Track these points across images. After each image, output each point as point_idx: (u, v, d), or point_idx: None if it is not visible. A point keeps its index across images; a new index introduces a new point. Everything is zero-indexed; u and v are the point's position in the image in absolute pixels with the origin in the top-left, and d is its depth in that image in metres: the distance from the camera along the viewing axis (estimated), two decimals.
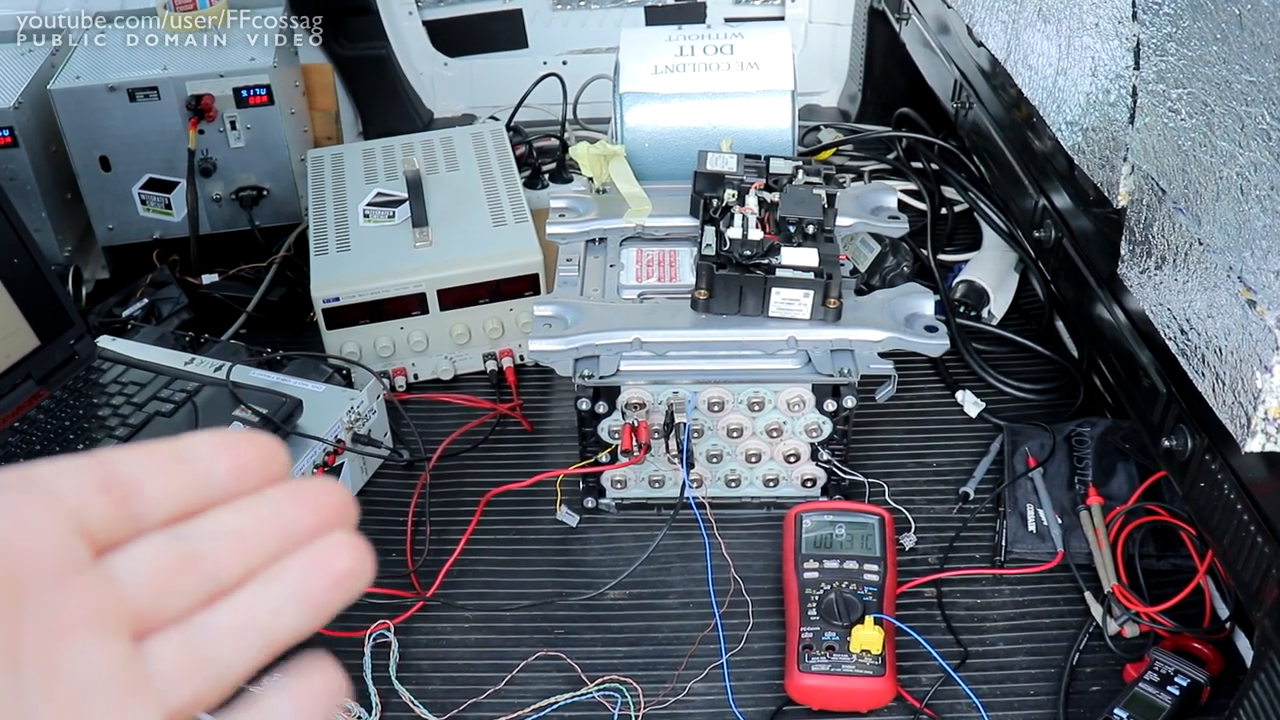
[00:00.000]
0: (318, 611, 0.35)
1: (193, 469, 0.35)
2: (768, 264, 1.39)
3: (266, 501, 0.36)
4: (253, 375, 1.51)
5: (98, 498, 0.33)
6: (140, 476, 0.34)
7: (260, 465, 0.36)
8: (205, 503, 0.35)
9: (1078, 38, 1.23)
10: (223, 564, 0.35)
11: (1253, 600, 1.00)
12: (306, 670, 0.35)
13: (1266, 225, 0.86)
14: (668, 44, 1.75)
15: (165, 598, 0.34)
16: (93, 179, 1.88)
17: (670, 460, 1.43)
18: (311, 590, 0.35)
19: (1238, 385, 0.92)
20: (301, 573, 0.35)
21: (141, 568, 0.33)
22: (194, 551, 0.34)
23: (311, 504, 0.36)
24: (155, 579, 0.33)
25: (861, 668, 1.21)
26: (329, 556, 0.35)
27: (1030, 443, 1.52)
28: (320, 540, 0.36)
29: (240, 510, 0.36)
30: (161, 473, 0.35)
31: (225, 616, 0.34)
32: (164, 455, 0.35)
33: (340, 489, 0.37)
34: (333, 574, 0.35)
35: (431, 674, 1.29)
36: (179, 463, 0.35)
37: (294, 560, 0.35)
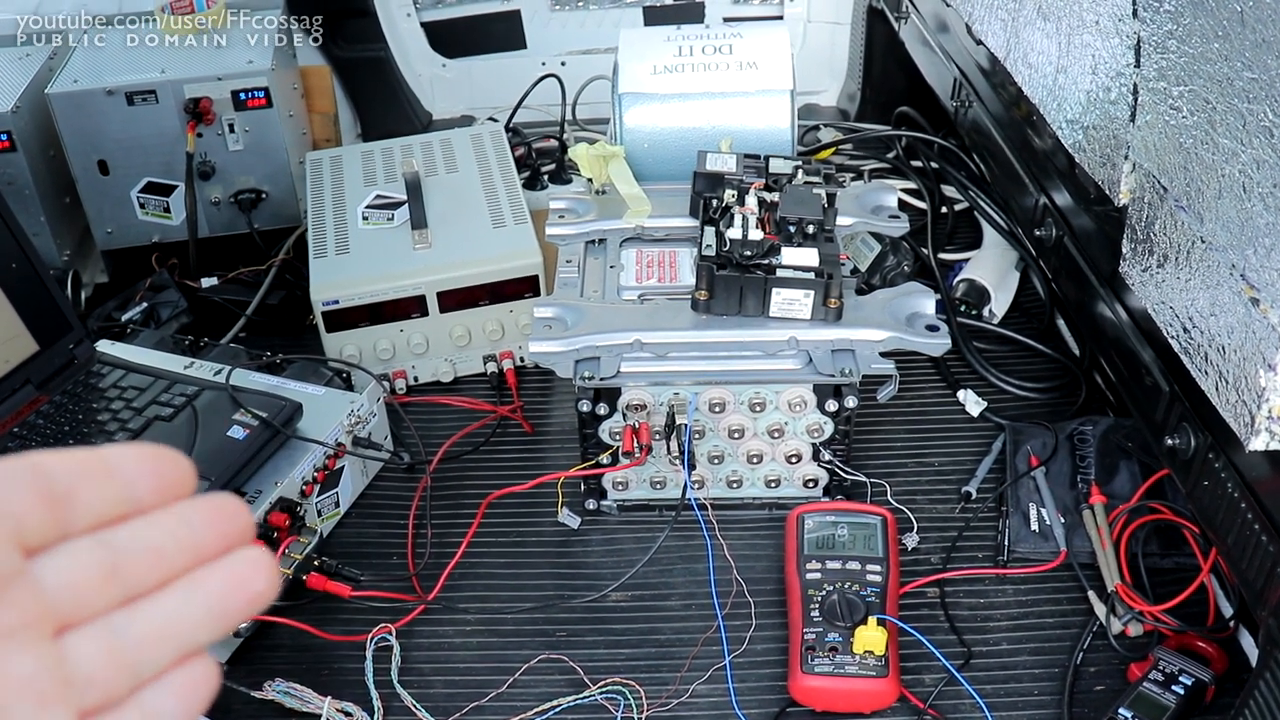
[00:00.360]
0: (228, 624, 0.38)
1: (119, 480, 0.37)
2: (768, 264, 1.38)
3: (180, 518, 0.38)
4: (252, 379, 1.51)
5: (33, 503, 0.35)
6: (73, 484, 0.36)
7: (175, 481, 0.39)
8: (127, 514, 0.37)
9: (1078, 35, 1.22)
10: (141, 573, 0.37)
11: (1257, 599, 0.99)
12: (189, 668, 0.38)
13: (1269, 223, 0.85)
14: (666, 44, 1.75)
15: (87, 601, 0.35)
16: (91, 183, 1.88)
17: (671, 461, 1.42)
18: (227, 605, 0.38)
19: (1241, 383, 0.92)
20: (220, 588, 0.38)
21: (67, 572, 0.35)
22: (116, 560, 0.36)
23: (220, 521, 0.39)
24: (79, 582, 0.35)
25: (865, 669, 1.21)
26: (247, 576, 0.39)
27: (1032, 442, 1.52)
28: (236, 557, 0.39)
29: (159, 524, 0.38)
30: (92, 481, 0.37)
31: (145, 621, 0.36)
32: (95, 464, 0.37)
33: (242, 507, 0.40)
34: (249, 593, 0.38)
35: (433, 677, 1.29)
36: (108, 473, 0.37)
37: (213, 574, 0.38)
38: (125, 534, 0.37)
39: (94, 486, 0.37)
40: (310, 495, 1.42)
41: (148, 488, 0.38)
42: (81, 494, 0.36)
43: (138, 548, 0.37)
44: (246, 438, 1.38)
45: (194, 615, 0.37)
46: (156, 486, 0.38)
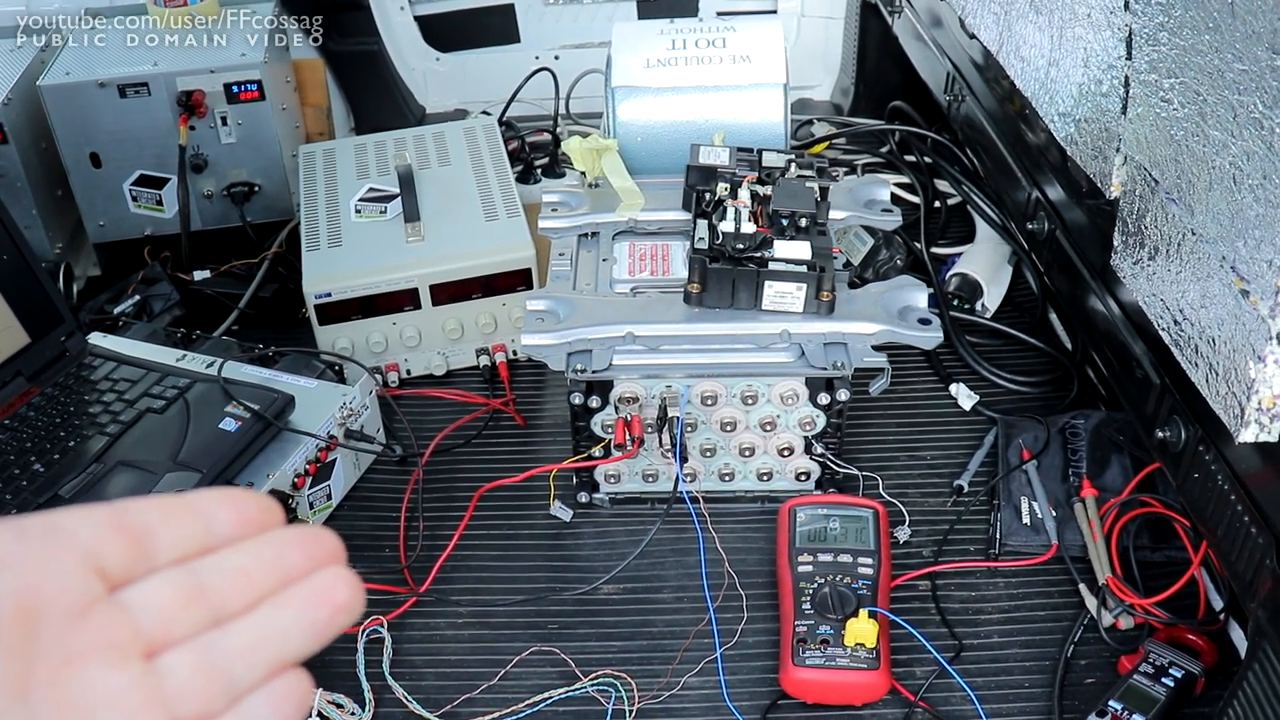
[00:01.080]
0: (318, 636, 0.40)
1: (200, 518, 0.40)
2: (760, 257, 1.38)
3: (266, 544, 0.40)
4: (245, 371, 1.51)
5: (113, 539, 0.37)
6: (153, 522, 0.38)
7: (259, 517, 0.41)
8: (210, 547, 0.40)
9: (1070, 29, 1.22)
10: (228, 596, 0.39)
11: (1246, 591, 1.00)
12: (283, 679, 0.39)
13: (1259, 214, 0.85)
14: (660, 38, 1.75)
15: (176, 623, 0.37)
16: (83, 176, 1.87)
17: (664, 454, 1.42)
18: (314, 617, 0.39)
19: (1231, 375, 0.92)
20: (306, 601, 0.39)
21: (153, 598, 0.37)
22: (202, 584, 0.38)
23: (305, 547, 0.41)
24: (166, 607, 0.37)
25: (856, 661, 1.21)
26: (330, 588, 0.40)
27: (1024, 435, 1.52)
28: (319, 574, 0.40)
29: (243, 551, 0.40)
30: (172, 520, 0.39)
31: (237, 636, 0.38)
32: (175, 505, 0.40)
33: (330, 535, 0.42)
34: (333, 604, 0.40)
35: (425, 670, 1.29)
36: (188, 512, 0.40)
37: (298, 590, 0.40)
38: (210, 561, 0.39)
39: (174, 524, 0.39)
40: (302, 488, 1.41)
41: (228, 523, 0.40)
42: (162, 531, 0.38)
43: (223, 572, 0.39)
44: (239, 430, 1.38)
45: (282, 629, 0.39)
46: (237, 521, 0.40)
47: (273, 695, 0.38)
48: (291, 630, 0.39)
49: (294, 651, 0.39)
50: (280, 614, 0.39)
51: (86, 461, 1.34)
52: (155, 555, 0.38)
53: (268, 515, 0.41)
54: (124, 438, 1.37)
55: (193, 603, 0.38)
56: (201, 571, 0.38)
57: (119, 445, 1.36)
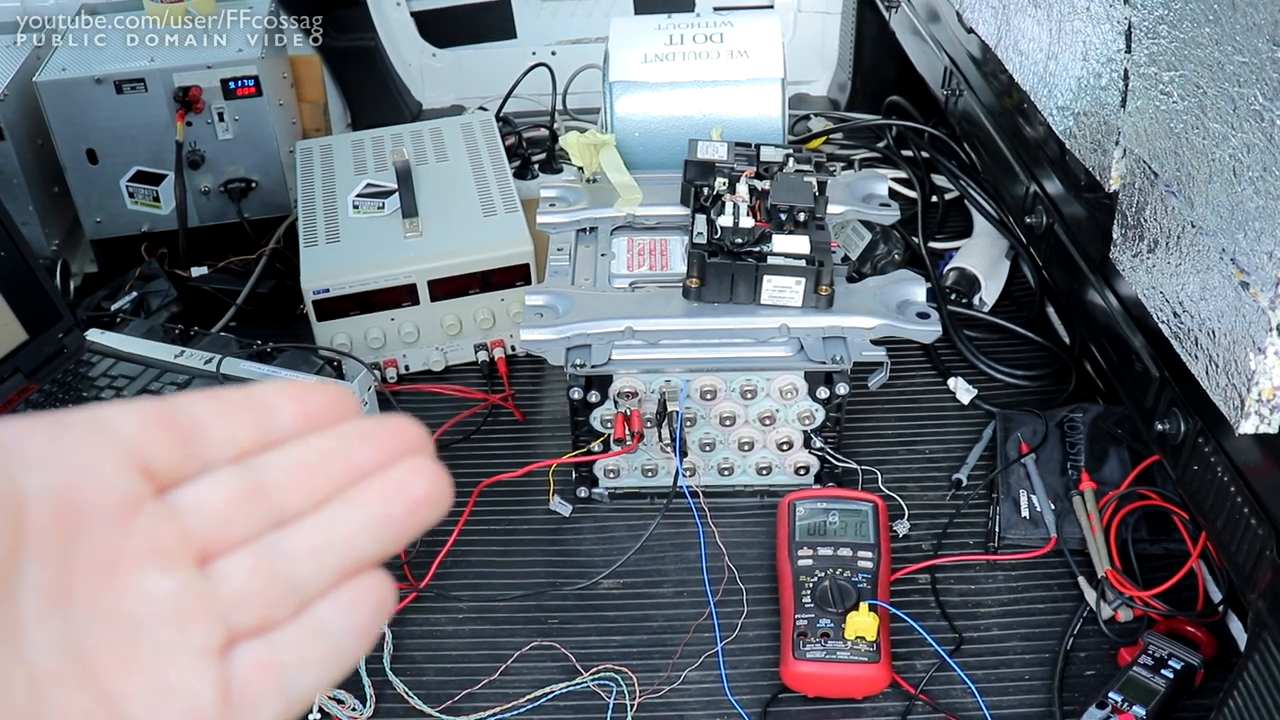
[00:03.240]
0: (395, 535, 0.36)
1: (258, 412, 0.36)
2: (759, 252, 1.39)
3: (335, 437, 0.36)
4: (243, 367, 1.51)
5: (158, 435, 0.34)
6: (204, 418, 0.35)
7: (328, 410, 0.37)
8: (271, 444, 0.36)
9: (1069, 22, 1.22)
10: (290, 494, 0.35)
11: (1246, 582, 1.00)
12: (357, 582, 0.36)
13: (1259, 206, 0.85)
14: (657, 33, 1.75)
15: (231, 525, 0.34)
16: (80, 172, 1.87)
17: (663, 449, 1.42)
18: (388, 513, 0.35)
19: (1231, 367, 0.92)
20: (378, 496, 0.35)
21: (205, 499, 0.34)
22: (260, 482, 0.35)
23: (381, 438, 0.36)
24: (220, 508, 0.34)
25: (856, 654, 1.21)
26: (406, 481, 0.36)
27: (1023, 429, 1.52)
28: (396, 467, 0.36)
29: (308, 445, 0.36)
30: (226, 415, 0.35)
31: (299, 538, 0.35)
32: (230, 399, 0.36)
33: (413, 424, 0.37)
34: (410, 497, 0.36)
35: (426, 665, 1.29)
36: (245, 406, 0.36)
37: (371, 485, 0.36)
38: (270, 458, 0.35)
39: (229, 418, 0.35)
40: None
41: (292, 417, 0.36)
42: (215, 426, 0.35)
43: (284, 468, 0.35)
44: None
45: (352, 527, 0.35)
46: (302, 414, 0.36)
47: (345, 600, 0.35)
48: (362, 528, 0.35)
49: (367, 552, 0.35)
50: (350, 511, 0.35)
51: None
52: (208, 453, 0.35)
53: (338, 407, 0.37)
54: None
55: (250, 502, 0.34)
56: (260, 469, 0.35)
57: None
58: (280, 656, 0.34)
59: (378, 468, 0.36)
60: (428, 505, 0.36)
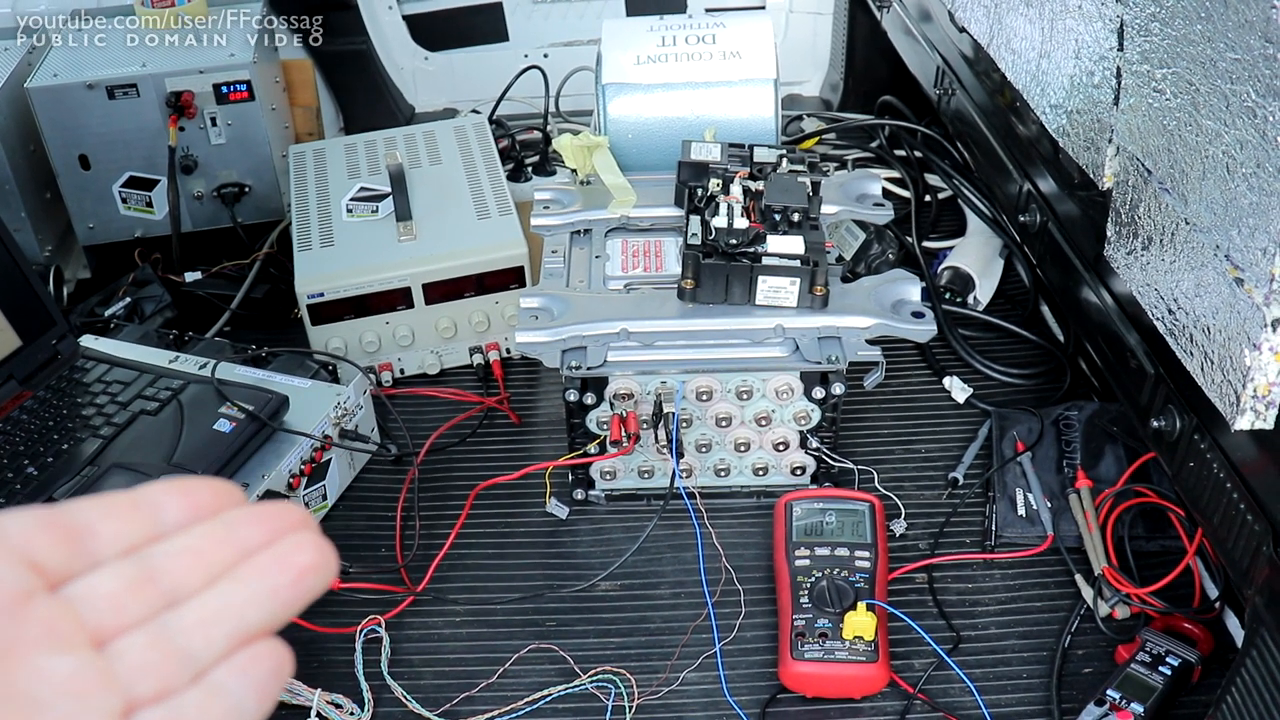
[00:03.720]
0: (284, 604, 0.37)
1: (145, 510, 0.37)
2: (753, 252, 1.38)
3: (220, 522, 0.38)
4: (238, 372, 1.50)
5: (46, 536, 0.35)
6: (92, 520, 0.36)
7: (213, 501, 0.38)
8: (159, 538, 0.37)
9: (1061, 20, 1.23)
10: (180, 577, 0.36)
11: (1243, 578, 1.00)
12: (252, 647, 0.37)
13: (1253, 203, 0.86)
14: (649, 34, 1.75)
15: (124, 610, 0.35)
16: (72, 178, 1.86)
17: (659, 450, 1.42)
18: (275, 583, 0.37)
19: (1226, 363, 0.92)
20: (264, 569, 0.37)
21: (97, 588, 0.35)
22: (150, 569, 0.36)
23: (265, 519, 0.38)
24: (112, 595, 0.35)
25: (854, 654, 1.21)
26: (290, 553, 0.37)
27: (1018, 427, 1.52)
28: (282, 541, 0.38)
29: (194, 533, 0.37)
30: (114, 516, 0.37)
31: (191, 613, 0.36)
32: (116, 501, 0.37)
33: (296, 507, 0.39)
34: (295, 568, 0.37)
35: (423, 668, 1.29)
36: (132, 506, 0.37)
37: (257, 560, 0.37)
38: (160, 547, 0.37)
39: (116, 519, 0.37)
40: (298, 488, 1.41)
41: (179, 511, 0.38)
42: (102, 527, 0.36)
43: (172, 555, 0.36)
44: (233, 431, 1.38)
45: (242, 598, 0.36)
46: (188, 508, 0.38)
47: (241, 663, 0.36)
48: (251, 599, 0.36)
49: (258, 621, 0.37)
50: (237, 585, 0.36)
51: (80, 464, 1.33)
52: (96, 551, 0.36)
53: (223, 499, 0.38)
54: (118, 440, 1.37)
55: (141, 588, 0.35)
56: (149, 558, 0.36)
57: (113, 447, 1.36)
58: (182, 715, 0.35)
59: (263, 545, 0.37)
60: (313, 574, 0.37)
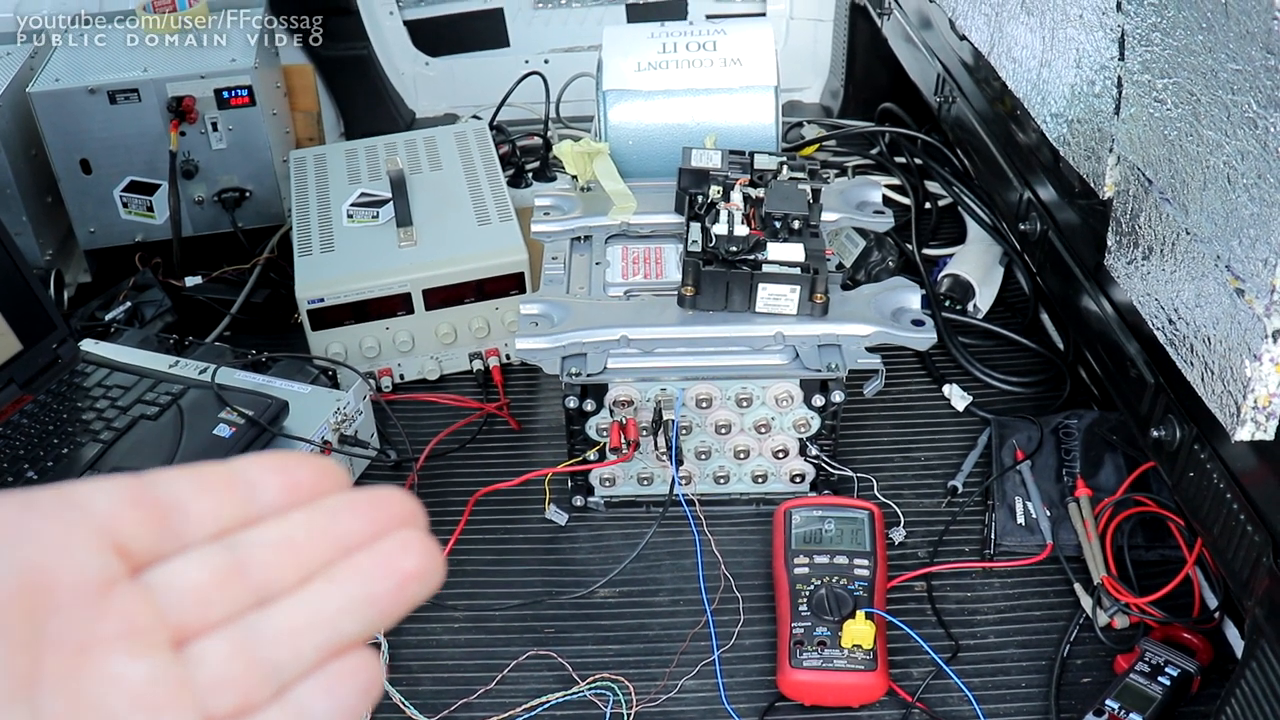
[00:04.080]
0: (382, 613, 0.34)
1: (241, 488, 0.35)
2: (754, 260, 1.39)
3: (321, 510, 0.35)
4: (238, 377, 1.50)
5: (134, 513, 0.32)
6: (183, 495, 0.34)
7: (315, 484, 0.35)
8: (254, 521, 0.34)
9: (1061, 29, 1.23)
10: (273, 571, 0.34)
11: (1243, 589, 1.00)
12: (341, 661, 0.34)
13: (1254, 213, 0.86)
14: (650, 41, 1.75)
15: (209, 606, 0.33)
16: (73, 182, 1.86)
17: (659, 457, 1.42)
18: (375, 590, 0.34)
19: (1227, 374, 0.92)
20: (365, 572, 0.34)
21: (183, 578, 0.33)
22: (241, 560, 0.33)
23: (370, 510, 0.35)
24: (198, 588, 0.33)
25: (853, 662, 1.21)
26: (394, 555, 0.34)
27: (1018, 435, 1.52)
28: (386, 539, 0.35)
29: (292, 520, 0.35)
30: (206, 491, 0.34)
31: (282, 617, 0.33)
32: (210, 474, 0.34)
33: (404, 496, 0.36)
34: (398, 573, 0.34)
35: (422, 675, 1.29)
36: (227, 483, 0.34)
37: (358, 560, 0.34)
38: (252, 534, 0.34)
39: (210, 496, 0.34)
40: None
41: (276, 491, 0.35)
42: (195, 504, 0.34)
43: (266, 545, 0.34)
44: (233, 436, 1.38)
45: (336, 604, 0.33)
46: (287, 488, 0.35)
47: (328, 681, 0.33)
48: (347, 606, 0.33)
49: (353, 630, 0.34)
50: (334, 588, 0.34)
51: (80, 468, 1.33)
52: (187, 531, 0.33)
53: (325, 480, 0.35)
54: (118, 444, 1.37)
55: (230, 581, 0.33)
56: (241, 546, 0.33)
57: (113, 452, 1.36)
58: None
59: (365, 542, 0.35)
60: (417, 581, 0.34)
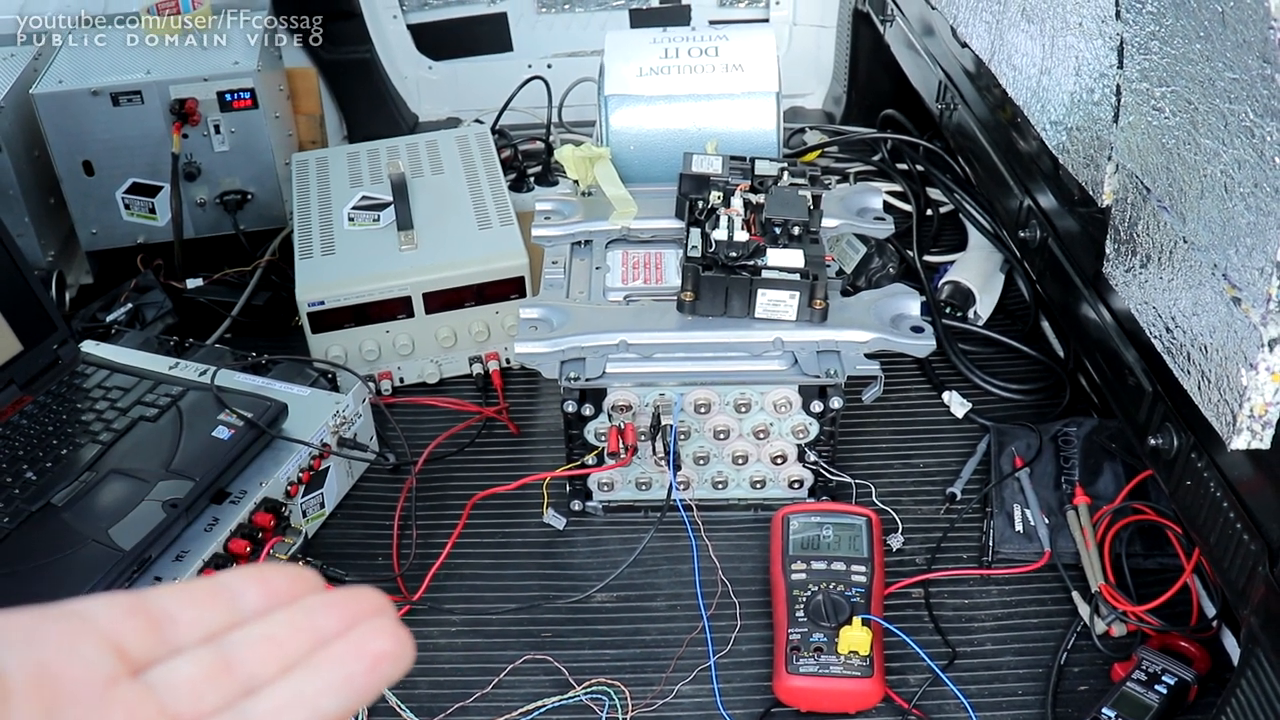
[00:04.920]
0: (358, 692, 0.37)
1: (224, 596, 0.39)
2: (753, 265, 1.39)
3: (298, 609, 0.39)
4: (237, 379, 1.51)
5: (131, 622, 0.36)
6: (173, 606, 0.38)
7: (291, 588, 0.39)
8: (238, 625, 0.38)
9: (1061, 37, 1.23)
10: (257, 665, 0.37)
11: (1239, 598, 1.00)
12: None
13: (1250, 222, 0.86)
14: (653, 46, 1.75)
15: (202, 698, 0.36)
16: (76, 183, 1.87)
17: (657, 462, 1.42)
18: (350, 671, 0.37)
19: (1223, 383, 0.92)
20: (340, 657, 0.37)
21: (178, 675, 0.36)
22: (228, 657, 0.37)
23: (343, 605, 0.38)
24: (192, 683, 0.36)
25: (849, 669, 1.21)
26: (366, 640, 0.38)
27: (1017, 443, 1.52)
28: (359, 628, 0.38)
29: (273, 620, 0.38)
30: (194, 603, 0.38)
31: (268, 702, 0.36)
32: (197, 588, 0.39)
33: (374, 593, 0.39)
34: (370, 655, 0.37)
35: (418, 678, 1.29)
36: (211, 593, 0.39)
37: (334, 648, 0.37)
38: (237, 635, 0.38)
39: (197, 606, 0.38)
40: (295, 496, 1.41)
41: (257, 599, 0.39)
42: (184, 614, 0.38)
43: (250, 643, 0.37)
44: (231, 438, 1.38)
45: (316, 687, 0.37)
46: (266, 596, 0.39)
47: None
48: (326, 688, 0.37)
49: (333, 708, 0.37)
50: (314, 673, 0.37)
51: (79, 469, 1.33)
52: (178, 637, 0.37)
53: (300, 584, 0.39)
54: (117, 446, 1.37)
55: (219, 676, 0.37)
56: (228, 646, 0.37)
57: (112, 453, 1.36)
58: None
59: (340, 632, 0.38)
60: (389, 661, 0.38)
